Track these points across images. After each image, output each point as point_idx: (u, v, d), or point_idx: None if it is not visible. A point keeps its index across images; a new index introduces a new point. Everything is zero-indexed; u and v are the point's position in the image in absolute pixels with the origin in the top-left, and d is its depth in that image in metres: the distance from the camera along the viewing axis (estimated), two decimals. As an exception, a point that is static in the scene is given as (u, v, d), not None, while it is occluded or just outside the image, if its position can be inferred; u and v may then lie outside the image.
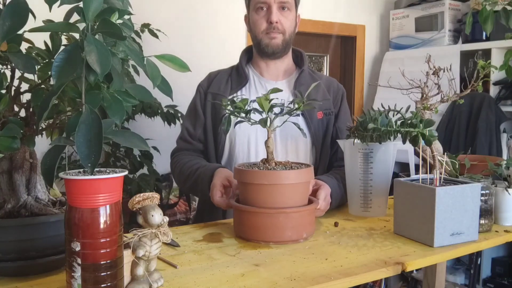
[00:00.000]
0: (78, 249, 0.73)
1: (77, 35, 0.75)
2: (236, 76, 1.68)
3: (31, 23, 0.77)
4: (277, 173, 1.11)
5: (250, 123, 1.19)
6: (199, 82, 1.74)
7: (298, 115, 1.60)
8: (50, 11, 0.77)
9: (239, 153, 1.60)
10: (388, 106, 1.26)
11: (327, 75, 3.75)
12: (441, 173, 1.14)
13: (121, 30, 0.74)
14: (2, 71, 0.86)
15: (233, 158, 1.60)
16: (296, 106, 1.19)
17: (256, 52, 1.69)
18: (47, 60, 0.91)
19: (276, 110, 1.20)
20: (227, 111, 1.21)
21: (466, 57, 3.14)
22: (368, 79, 3.78)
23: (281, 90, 1.21)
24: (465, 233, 1.11)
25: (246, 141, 1.60)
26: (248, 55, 1.73)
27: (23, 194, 0.92)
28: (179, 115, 2.47)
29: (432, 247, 1.07)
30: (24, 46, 0.88)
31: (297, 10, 1.67)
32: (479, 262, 3.03)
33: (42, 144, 0.98)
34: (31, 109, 0.92)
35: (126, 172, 0.77)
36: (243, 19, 1.72)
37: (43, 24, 0.80)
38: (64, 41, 0.93)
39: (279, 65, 1.69)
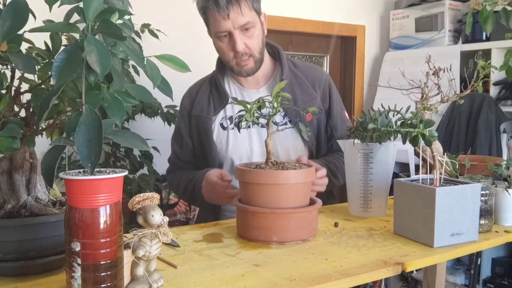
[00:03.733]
0: (78, 249, 0.73)
1: (77, 35, 0.75)
2: (216, 95, 1.61)
3: (31, 23, 0.77)
4: (278, 173, 1.11)
5: (252, 124, 1.20)
6: (181, 98, 1.68)
7: (285, 123, 1.57)
8: (50, 11, 0.77)
9: (232, 169, 1.58)
10: (388, 106, 1.26)
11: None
12: (441, 174, 1.14)
13: (121, 30, 0.74)
14: (2, 71, 0.86)
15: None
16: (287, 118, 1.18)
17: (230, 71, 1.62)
18: (47, 60, 0.91)
19: (262, 120, 1.20)
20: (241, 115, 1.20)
21: (466, 57, 3.14)
22: (368, 79, 3.78)
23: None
24: (465, 234, 1.11)
25: (238, 158, 1.59)
26: (223, 64, 1.63)
27: (23, 194, 0.92)
28: (179, 115, 2.47)
29: (432, 247, 1.07)
30: (24, 46, 0.88)
31: (260, 14, 1.54)
32: (479, 263, 3.03)
33: (42, 144, 0.98)
34: (31, 109, 0.92)
35: (126, 172, 0.77)
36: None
37: (43, 24, 0.80)
38: (64, 41, 0.93)
39: (257, 74, 1.61)
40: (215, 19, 1.48)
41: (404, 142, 1.18)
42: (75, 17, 0.80)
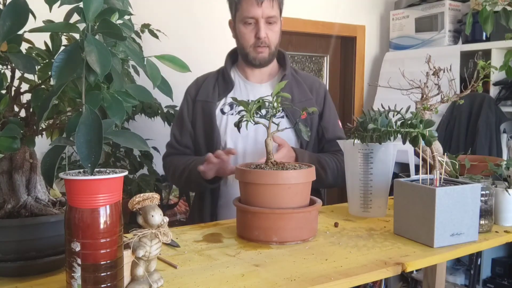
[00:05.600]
0: (78, 249, 0.73)
1: (77, 36, 0.75)
2: (222, 82, 1.73)
3: (31, 23, 0.77)
4: (278, 173, 1.11)
5: (253, 123, 1.20)
6: (187, 87, 1.79)
7: (282, 116, 1.67)
8: (50, 11, 0.77)
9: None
10: (388, 106, 1.26)
11: (328, 75, 3.75)
12: (441, 174, 1.14)
13: (121, 31, 0.74)
14: (2, 71, 0.86)
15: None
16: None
17: (242, 60, 1.74)
18: (47, 60, 0.91)
19: (263, 112, 1.22)
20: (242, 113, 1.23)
21: (466, 57, 3.14)
22: (368, 80, 3.78)
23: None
24: (465, 234, 1.11)
25: (233, 141, 1.67)
26: (232, 58, 1.78)
27: (23, 194, 0.92)
28: (179, 115, 2.47)
29: (432, 248, 1.07)
30: (24, 46, 0.88)
31: (281, 16, 1.69)
32: (479, 263, 3.03)
33: (42, 144, 0.98)
34: (31, 109, 0.92)
35: (126, 172, 0.77)
36: (228, 23, 1.74)
37: (43, 25, 0.80)
38: (64, 41, 0.93)
39: (264, 70, 1.74)
40: (248, 4, 1.61)
41: (404, 142, 1.18)
42: (75, 17, 0.80)
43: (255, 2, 1.59)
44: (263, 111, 1.19)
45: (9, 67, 0.89)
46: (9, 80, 0.89)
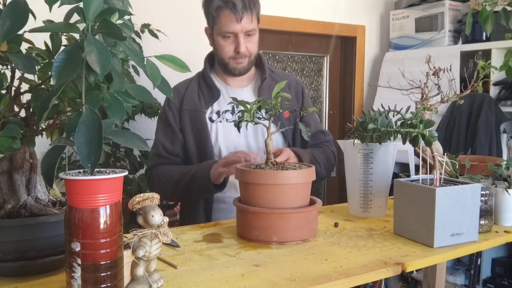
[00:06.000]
0: (78, 249, 0.73)
1: (77, 36, 0.75)
2: (207, 90, 1.71)
3: (31, 23, 0.77)
4: (278, 173, 1.11)
5: (253, 123, 1.21)
6: (165, 98, 1.75)
7: (265, 119, 1.65)
8: (50, 11, 0.77)
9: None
10: (388, 106, 1.26)
11: (328, 75, 3.75)
12: (441, 174, 1.14)
13: (121, 31, 0.74)
14: (2, 71, 0.86)
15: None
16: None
17: (220, 69, 1.72)
18: (47, 61, 0.91)
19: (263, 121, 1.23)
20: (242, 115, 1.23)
21: (466, 57, 3.14)
22: (368, 80, 3.78)
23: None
24: (465, 234, 1.11)
25: (225, 147, 1.66)
26: (210, 62, 1.75)
27: (23, 194, 0.92)
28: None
29: (432, 248, 1.07)
30: (24, 46, 0.88)
31: (258, 23, 1.67)
32: (479, 263, 3.03)
33: (42, 144, 0.98)
34: (31, 110, 0.92)
35: (126, 173, 0.77)
36: (204, 30, 1.71)
37: (43, 25, 0.80)
38: (64, 41, 0.93)
39: (243, 76, 1.73)
40: (227, 19, 1.59)
41: (404, 142, 1.18)
42: (75, 17, 0.80)
43: (234, 18, 1.57)
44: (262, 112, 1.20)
45: (9, 67, 0.89)
46: (9, 80, 0.89)
